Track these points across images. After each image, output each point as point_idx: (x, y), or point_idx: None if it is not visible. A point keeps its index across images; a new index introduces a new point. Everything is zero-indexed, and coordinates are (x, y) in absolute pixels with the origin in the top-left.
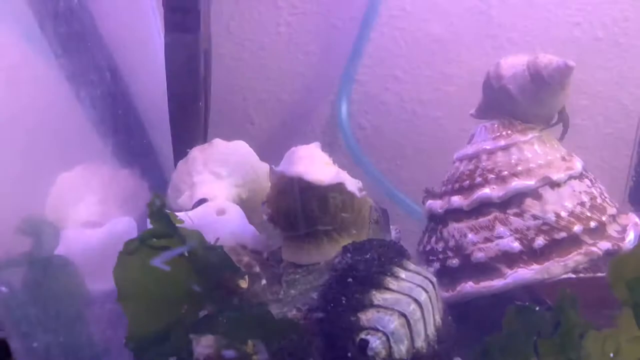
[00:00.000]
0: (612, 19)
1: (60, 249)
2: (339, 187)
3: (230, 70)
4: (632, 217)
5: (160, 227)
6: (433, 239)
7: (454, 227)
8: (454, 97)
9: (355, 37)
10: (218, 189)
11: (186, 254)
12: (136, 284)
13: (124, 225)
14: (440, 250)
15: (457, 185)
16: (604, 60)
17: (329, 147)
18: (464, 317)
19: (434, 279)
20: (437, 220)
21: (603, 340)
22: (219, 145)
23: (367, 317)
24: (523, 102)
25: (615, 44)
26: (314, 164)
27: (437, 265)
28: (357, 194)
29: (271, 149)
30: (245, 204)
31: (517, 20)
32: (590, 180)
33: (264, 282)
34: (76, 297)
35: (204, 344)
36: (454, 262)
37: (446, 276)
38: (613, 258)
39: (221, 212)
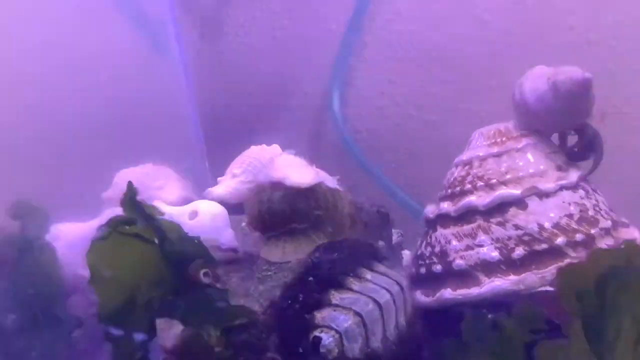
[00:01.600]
0: (604, 22)
1: (57, 242)
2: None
3: (229, 74)
4: (633, 232)
5: (132, 215)
6: (423, 244)
7: (440, 232)
8: (449, 101)
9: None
10: (226, 187)
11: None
12: (107, 268)
13: None
14: (427, 255)
15: (449, 191)
16: (597, 63)
17: (329, 148)
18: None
19: (404, 282)
20: (428, 225)
21: (554, 352)
22: (249, 150)
23: (322, 315)
24: (550, 119)
25: (607, 48)
26: (291, 168)
27: (423, 269)
28: (331, 190)
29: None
30: None
31: (512, 25)
32: (586, 191)
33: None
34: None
35: (171, 335)
36: (437, 267)
37: (430, 281)
38: (562, 268)
39: (194, 214)
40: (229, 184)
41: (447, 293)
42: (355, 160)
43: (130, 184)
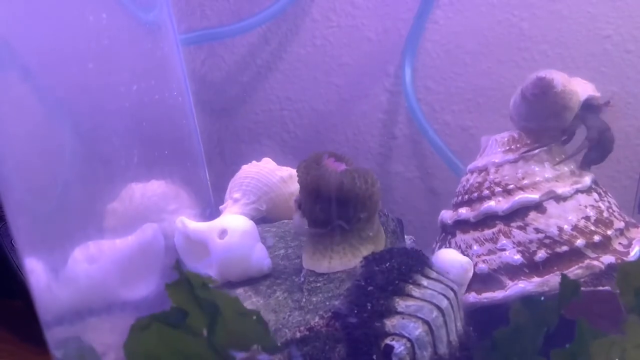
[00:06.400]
0: None
1: (94, 264)
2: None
3: (268, 80)
4: None
5: (181, 302)
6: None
7: (460, 238)
8: (485, 108)
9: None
10: (233, 212)
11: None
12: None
13: (151, 232)
14: None
15: (466, 197)
16: (635, 72)
17: (358, 153)
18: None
19: (456, 287)
20: (447, 231)
21: (609, 346)
22: (240, 171)
23: (392, 323)
24: (519, 119)
25: None
26: None
27: None
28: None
29: (306, 155)
30: (266, 211)
31: (547, 33)
32: (599, 194)
33: None
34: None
35: None
36: None
37: None
38: (622, 265)
39: (223, 233)
40: (233, 211)
41: (472, 297)
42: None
43: (191, 275)
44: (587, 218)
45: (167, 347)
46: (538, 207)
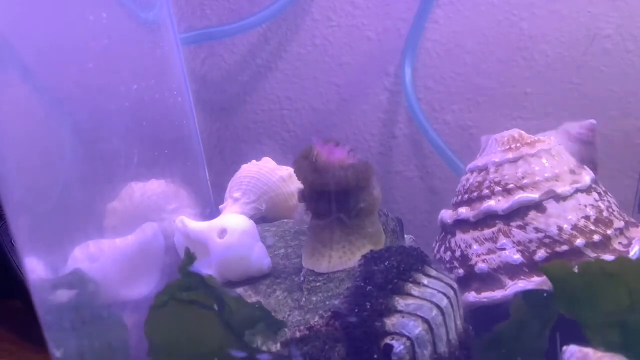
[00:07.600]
0: None
1: (95, 263)
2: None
3: (268, 80)
4: None
5: (189, 281)
6: (442, 248)
7: (460, 237)
8: (485, 107)
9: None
10: (233, 212)
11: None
12: (167, 338)
13: (151, 232)
14: (447, 259)
15: (465, 197)
16: (635, 71)
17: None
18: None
19: (455, 285)
20: (446, 230)
21: None
22: (240, 171)
23: (391, 322)
24: None
25: None
26: None
27: None
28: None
29: None
30: (266, 211)
31: (547, 32)
32: (599, 193)
33: None
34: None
35: None
36: (459, 272)
37: None
38: None
39: (222, 232)
40: (232, 210)
41: (471, 296)
42: (416, 118)
43: (187, 251)
44: (587, 217)
45: (183, 323)
46: (538, 206)
